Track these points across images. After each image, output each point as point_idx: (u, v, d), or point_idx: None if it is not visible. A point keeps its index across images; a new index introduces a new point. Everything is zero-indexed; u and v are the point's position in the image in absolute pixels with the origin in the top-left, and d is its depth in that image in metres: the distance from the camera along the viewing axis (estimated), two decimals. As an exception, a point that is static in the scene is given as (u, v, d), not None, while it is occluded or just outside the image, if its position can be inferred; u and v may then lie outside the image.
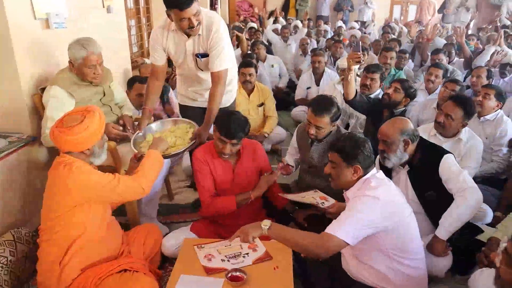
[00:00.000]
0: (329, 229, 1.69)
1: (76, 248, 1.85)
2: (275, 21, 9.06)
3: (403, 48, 5.57)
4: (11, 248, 2.08)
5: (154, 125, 2.51)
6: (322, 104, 2.38)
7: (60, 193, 1.81)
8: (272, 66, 5.54)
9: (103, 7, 3.40)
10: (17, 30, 2.31)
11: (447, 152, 2.16)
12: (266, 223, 1.77)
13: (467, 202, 2.01)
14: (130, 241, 2.17)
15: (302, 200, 2.31)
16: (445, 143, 2.58)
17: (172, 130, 2.48)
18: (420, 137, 2.19)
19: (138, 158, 2.18)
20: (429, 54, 5.16)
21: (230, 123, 2.14)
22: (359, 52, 2.67)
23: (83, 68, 2.36)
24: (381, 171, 1.87)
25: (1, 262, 2.00)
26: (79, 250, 1.86)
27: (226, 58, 2.43)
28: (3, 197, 2.24)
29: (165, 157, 2.26)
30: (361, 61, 2.75)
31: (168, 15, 2.26)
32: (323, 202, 2.23)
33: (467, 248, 2.18)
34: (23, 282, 2.14)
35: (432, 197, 2.13)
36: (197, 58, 2.46)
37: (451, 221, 2.03)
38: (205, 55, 2.43)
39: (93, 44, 2.37)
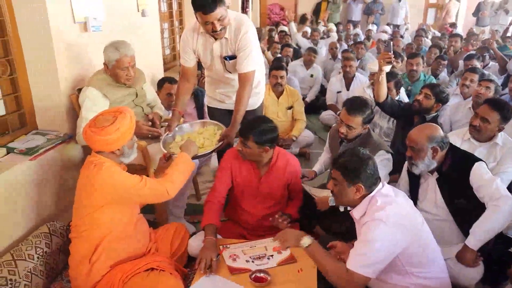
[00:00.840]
0: (351, 265, 1.69)
1: (104, 246, 1.91)
2: (302, 22, 9.04)
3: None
4: (46, 240, 2.18)
5: (183, 127, 2.56)
6: (356, 104, 2.39)
7: (87, 192, 1.88)
8: (312, 75, 5.51)
9: (138, 11, 3.51)
10: (57, 34, 2.42)
11: (479, 159, 2.10)
12: (306, 241, 1.80)
13: (501, 212, 1.95)
14: (158, 239, 2.22)
15: (311, 192, 2.45)
16: (480, 148, 2.52)
17: (200, 132, 2.52)
18: (451, 143, 2.14)
19: (167, 158, 2.24)
20: (461, 60, 5.02)
21: (251, 121, 2.16)
22: (390, 52, 2.65)
23: (116, 70, 2.43)
24: (386, 186, 1.82)
25: (38, 253, 2.10)
26: (107, 247, 1.92)
27: (254, 60, 2.44)
28: (40, 190, 2.34)
29: (192, 158, 2.31)
30: (392, 61, 2.73)
31: (197, 18, 2.30)
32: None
33: (499, 259, 2.11)
34: (56, 274, 2.24)
35: (462, 205, 2.08)
36: (225, 61, 2.49)
37: (482, 231, 1.97)
38: (233, 57, 2.45)
39: (126, 46, 2.44)
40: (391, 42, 2.79)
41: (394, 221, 1.66)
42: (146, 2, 3.62)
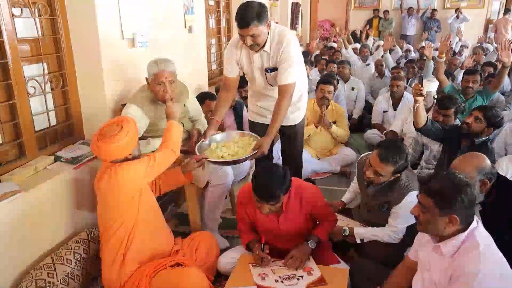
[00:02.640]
0: None
1: (132, 238, 2.03)
2: (354, 39, 8.91)
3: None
4: (85, 246, 2.27)
5: (219, 136, 2.56)
6: (390, 152, 2.17)
7: (113, 195, 1.98)
8: (353, 89, 5.41)
9: (185, 27, 3.63)
10: (106, 49, 2.56)
11: None
12: None
13: None
14: (183, 246, 2.29)
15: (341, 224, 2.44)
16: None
17: (236, 141, 2.52)
18: (498, 173, 1.99)
19: (198, 160, 2.31)
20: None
21: (266, 183, 1.98)
22: (421, 85, 2.54)
23: (153, 85, 2.47)
24: (480, 224, 1.58)
25: (76, 258, 2.19)
26: (134, 241, 2.04)
27: (295, 73, 2.43)
28: (81, 198, 2.45)
29: (224, 163, 2.31)
30: (424, 94, 2.62)
31: None
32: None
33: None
34: (92, 279, 2.32)
35: (507, 240, 1.90)
36: (266, 73, 2.50)
37: None
38: (275, 69, 2.46)
39: (166, 63, 2.48)
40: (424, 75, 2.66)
41: (501, 277, 1.45)
42: (193, 18, 3.74)
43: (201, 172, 2.51)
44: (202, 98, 3.38)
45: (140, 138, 2.35)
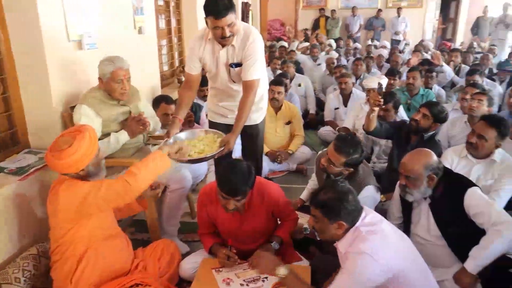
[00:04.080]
0: None
1: (85, 263, 1.90)
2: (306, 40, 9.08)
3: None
4: (35, 262, 2.13)
5: (184, 134, 2.50)
6: (345, 144, 2.32)
7: (59, 213, 1.87)
8: (299, 85, 5.53)
9: (135, 28, 3.51)
10: (51, 52, 2.41)
11: (473, 184, 2.06)
12: (282, 272, 1.76)
13: (503, 237, 1.88)
14: (146, 257, 2.20)
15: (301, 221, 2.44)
16: (477, 165, 2.50)
17: (201, 139, 2.48)
18: (445, 167, 2.10)
19: (153, 188, 2.25)
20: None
21: (232, 178, 1.97)
22: (381, 96, 2.63)
23: (111, 83, 2.39)
24: (371, 213, 1.77)
25: (25, 275, 2.04)
26: (88, 264, 1.91)
27: (259, 69, 2.44)
28: (29, 211, 2.30)
29: (191, 161, 2.27)
30: (382, 105, 2.72)
31: (206, 23, 2.31)
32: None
33: (498, 279, 2.05)
34: (44, 296, 2.18)
35: (456, 230, 2.01)
36: (231, 68, 2.48)
37: (483, 256, 1.90)
38: (239, 64, 2.45)
39: (121, 60, 2.43)
40: (383, 86, 2.72)
41: (380, 252, 1.61)
42: (143, 19, 3.63)
43: (159, 177, 2.44)
44: (158, 101, 3.28)
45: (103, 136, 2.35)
